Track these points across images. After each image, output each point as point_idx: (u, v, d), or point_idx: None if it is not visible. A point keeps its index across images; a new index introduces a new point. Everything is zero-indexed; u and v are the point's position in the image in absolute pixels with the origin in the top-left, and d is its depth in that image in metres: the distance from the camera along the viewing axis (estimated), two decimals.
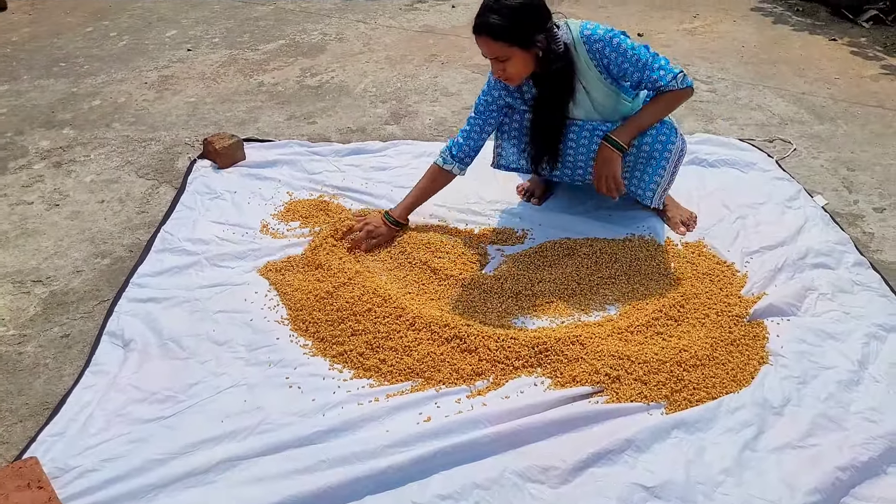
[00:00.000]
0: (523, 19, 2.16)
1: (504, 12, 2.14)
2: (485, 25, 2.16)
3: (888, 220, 2.76)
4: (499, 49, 2.19)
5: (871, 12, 4.91)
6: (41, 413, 1.92)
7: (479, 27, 2.18)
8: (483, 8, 2.18)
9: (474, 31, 2.21)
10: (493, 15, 2.14)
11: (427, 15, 5.08)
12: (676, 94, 2.35)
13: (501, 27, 2.14)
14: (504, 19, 2.14)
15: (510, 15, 2.14)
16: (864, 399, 1.92)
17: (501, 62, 2.23)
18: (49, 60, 4.27)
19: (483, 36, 2.19)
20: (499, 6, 2.14)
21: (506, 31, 2.15)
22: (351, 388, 1.95)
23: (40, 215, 2.78)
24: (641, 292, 2.30)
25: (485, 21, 2.16)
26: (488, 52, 2.23)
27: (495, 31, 2.15)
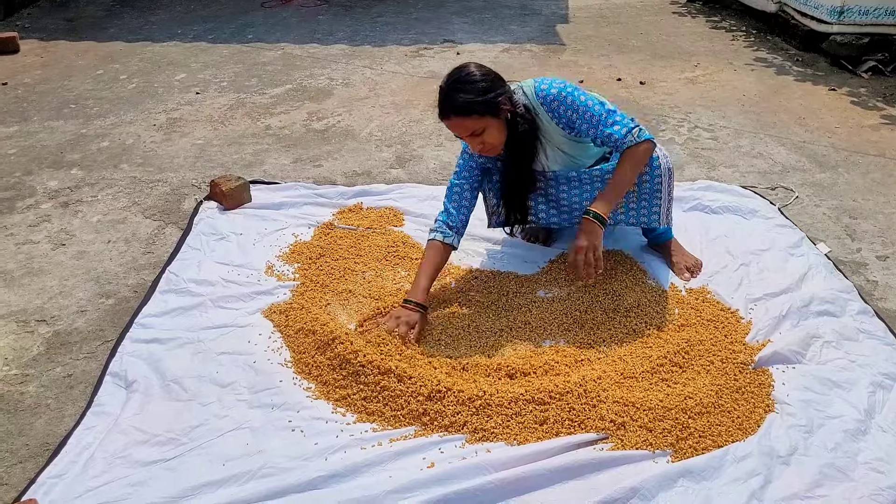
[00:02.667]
0: (488, 89, 2.19)
1: (468, 88, 2.17)
2: (454, 106, 2.18)
3: (892, 268, 2.77)
4: (472, 124, 2.20)
5: (870, 63, 4.99)
6: (41, 454, 1.90)
7: (447, 110, 2.20)
8: (446, 91, 2.19)
9: (442, 116, 2.22)
10: (458, 94, 2.17)
11: (432, 61, 5.17)
12: (635, 150, 2.31)
13: (470, 102, 2.17)
14: (471, 94, 2.17)
15: (475, 89, 2.17)
16: (872, 449, 1.90)
17: (478, 136, 2.23)
18: (59, 102, 4.33)
19: (453, 117, 2.20)
20: (462, 85, 2.18)
21: (476, 105, 2.18)
22: (354, 433, 1.94)
23: (46, 255, 2.79)
24: (646, 337, 2.29)
25: (452, 102, 2.18)
26: (463, 131, 2.24)
27: (466, 108, 2.17)
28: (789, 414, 2.00)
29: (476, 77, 2.20)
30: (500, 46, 5.54)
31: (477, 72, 2.22)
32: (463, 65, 2.25)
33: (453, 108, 2.19)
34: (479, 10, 6.62)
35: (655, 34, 5.96)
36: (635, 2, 7.08)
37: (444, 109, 2.21)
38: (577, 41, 5.74)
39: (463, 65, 2.25)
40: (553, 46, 5.59)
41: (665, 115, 4.16)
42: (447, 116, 2.22)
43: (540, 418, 1.96)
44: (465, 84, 2.18)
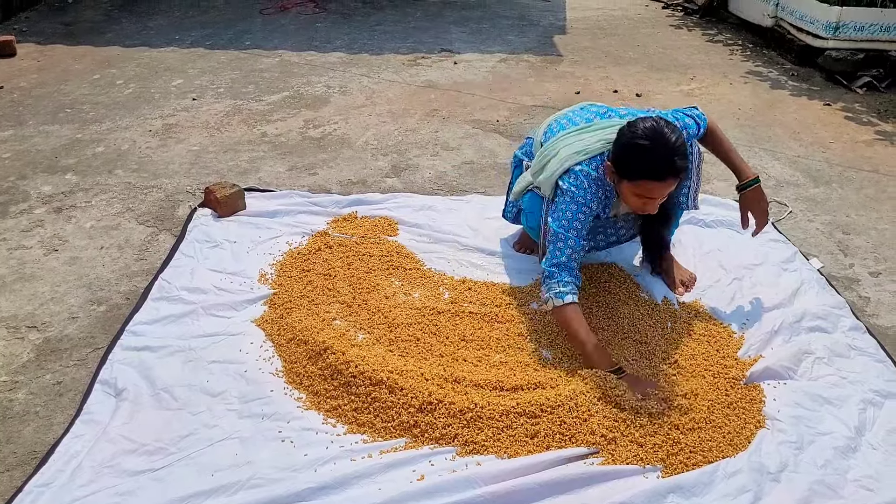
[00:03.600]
0: (686, 150, 2.17)
1: (685, 154, 2.14)
2: (677, 169, 2.11)
3: (884, 284, 2.77)
4: (674, 184, 2.16)
5: (864, 79, 5.01)
6: (29, 462, 1.89)
7: (669, 173, 2.11)
8: (666, 152, 2.09)
9: (663, 177, 2.12)
10: (682, 158, 2.11)
11: (429, 71, 5.18)
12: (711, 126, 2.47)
13: (684, 167, 2.15)
14: (686, 158, 2.15)
15: (686, 151, 2.15)
16: (862, 467, 1.91)
17: (665, 196, 2.21)
18: (55, 106, 4.33)
19: (670, 179, 2.13)
20: (683, 148, 2.12)
21: (686, 168, 2.17)
22: (344, 444, 1.93)
23: (38, 260, 2.78)
24: (638, 352, 2.29)
25: (677, 165, 2.10)
26: (665, 192, 2.17)
27: (681, 171, 2.13)
28: (780, 430, 2.00)
29: (684, 138, 2.15)
30: (497, 56, 5.56)
31: (680, 132, 2.17)
32: (666, 122, 2.15)
33: (675, 172, 2.12)
34: (477, 19, 6.64)
35: (652, 47, 5.99)
36: (633, 14, 7.11)
37: (665, 172, 2.11)
38: (575, 52, 5.75)
39: (666, 122, 2.15)
40: (550, 57, 5.60)
41: None
42: (665, 179, 2.12)
43: (531, 431, 1.96)
44: (684, 146, 2.13)
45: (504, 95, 4.68)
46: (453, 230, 2.97)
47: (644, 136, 2.10)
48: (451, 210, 3.15)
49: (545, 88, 4.87)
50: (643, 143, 2.10)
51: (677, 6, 7.36)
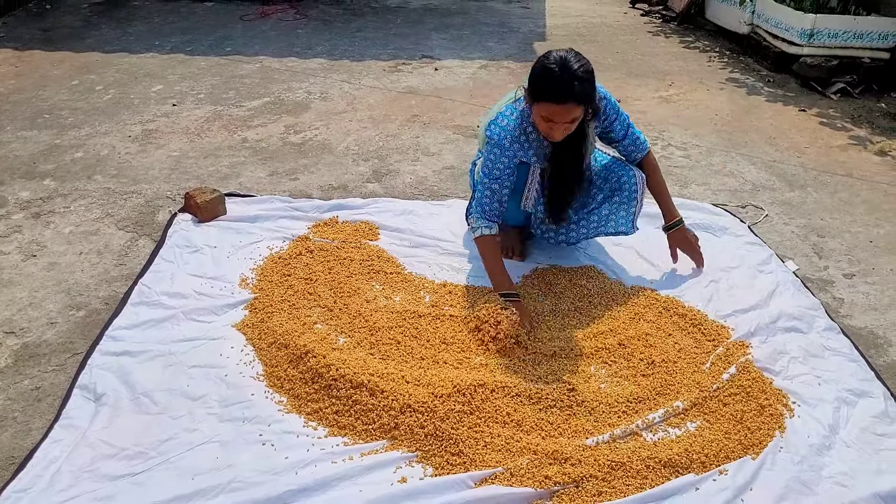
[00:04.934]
0: (594, 83, 2.33)
1: (589, 79, 2.28)
2: (576, 94, 2.24)
3: (857, 286, 2.82)
4: (578, 112, 2.30)
5: (838, 85, 5.09)
6: (7, 468, 1.88)
7: (568, 96, 2.24)
8: (567, 76, 2.23)
9: (560, 100, 2.25)
10: (581, 83, 2.24)
11: (410, 77, 5.20)
12: (654, 160, 2.74)
13: (589, 95, 2.29)
14: (590, 86, 2.29)
15: (592, 81, 2.30)
16: (836, 464, 1.94)
17: (570, 123, 2.32)
18: (33, 112, 4.30)
19: (570, 103, 2.25)
20: (586, 76, 2.26)
21: (589, 97, 2.30)
22: (325, 447, 1.94)
23: (16, 266, 2.76)
24: (618, 358, 2.32)
25: (576, 90, 2.23)
26: (566, 117, 2.29)
27: (583, 98, 2.27)
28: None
29: (591, 69, 2.29)
30: (478, 63, 5.59)
31: (587, 60, 2.31)
32: (576, 53, 2.31)
33: (574, 96, 2.24)
34: (457, 26, 6.68)
35: (631, 53, 6.05)
36: (611, 21, 7.18)
37: (564, 94, 2.24)
38: None
39: (576, 53, 2.31)
40: (531, 63, 5.60)
41: None
42: (565, 101, 2.25)
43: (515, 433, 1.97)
44: (587, 74, 2.26)
45: (485, 101, 4.71)
46: (434, 234, 2.99)
47: (552, 62, 2.27)
48: (432, 215, 3.16)
49: None
50: (550, 66, 2.26)
51: (655, 14, 7.44)
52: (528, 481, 1.84)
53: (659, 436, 2.02)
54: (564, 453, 1.91)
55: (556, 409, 2.07)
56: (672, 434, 2.02)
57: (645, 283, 2.71)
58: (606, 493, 1.83)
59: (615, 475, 1.87)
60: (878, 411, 2.13)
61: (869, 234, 3.21)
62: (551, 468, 1.87)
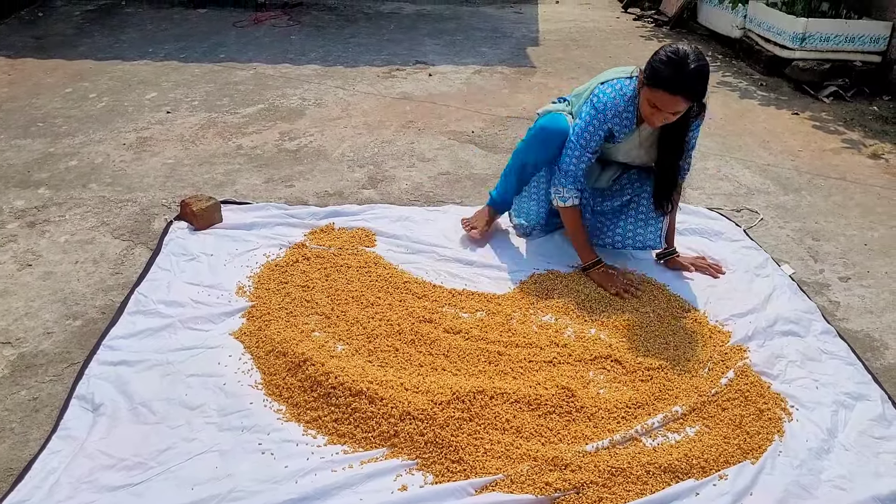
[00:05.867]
0: (707, 84, 2.38)
1: (703, 77, 2.34)
2: (688, 87, 2.32)
3: (853, 289, 2.83)
4: (683, 106, 2.38)
5: (831, 88, 5.13)
6: (5, 479, 1.86)
7: (681, 87, 2.31)
8: (679, 69, 2.31)
9: (673, 90, 2.32)
10: (697, 80, 2.32)
11: (404, 82, 5.20)
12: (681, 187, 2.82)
13: (697, 92, 2.36)
14: (702, 84, 2.35)
15: (706, 80, 2.35)
16: (835, 467, 1.95)
17: (673, 114, 2.40)
18: (27, 120, 4.28)
19: (680, 95, 2.33)
20: (704, 74, 2.33)
21: (699, 95, 2.38)
22: (325, 455, 1.93)
23: (12, 276, 2.75)
24: (622, 362, 2.32)
25: (689, 84, 2.31)
26: (672, 108, 2.37)
27: (694, 94, 2.35)
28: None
29: (708, 70, 2.35)
30: (471, 68, 5.60)
31: (706, 61, 2.36)
32: (699, 51, 2.36)
33: (686, 89, 2.32)
34: (451, 32, 6.69)
35: (624, 58, 6.07)
36: (604, 26, 7.21)
37: (678, 85, 2.31)
38: (548, 64, 5.82)
39: (699, 51, 2.36)
40: (524, 69, 5.66)
41: None
42: (676, 92, 2.32)
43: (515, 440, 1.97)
44: (703, 74, 2.33)
45: (479, 107, 4.72)
46: (431, 240, 2.99)
47: (675, 53, 2.34)
48: (429, 220, 3.16)
49: (519, 99, 4.91)
50: (673, 57, 2.33)
51: (648, 18, 7.47)
52: (529, 488, 1.84)
53: (658, 441, 2.02)
54: (564, 459, 1.91)
55: (555, 415, 2.08)
56: (671, 439, 2.03)
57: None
58: (607, 498, 1.83)
59: (615, 481, 1.87)
60: (875, 414, 2.14)
61: (863, 236, 3.23)
62: (551, 474, 1.87)
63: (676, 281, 2.76)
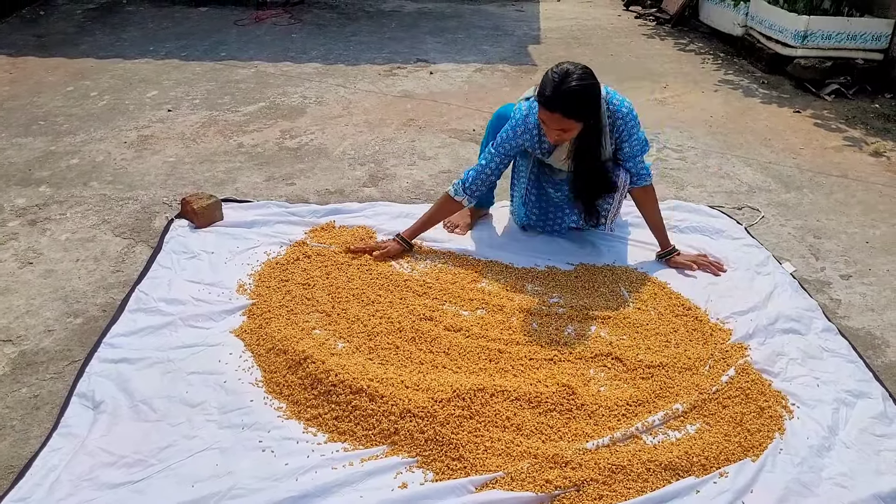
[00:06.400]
0: (589, 103, 2.42)
1: (584, 98, 2.38)
2: (563, 106, 2.37)
3: (854, 287, 2.83)
4: (566, 124, 2.42)
5: (832, 86, 5.12)
6: (6, 477, 1.87)
7: (553, 105, 2.37)
8: (556, 88, 2.35)
9: (547, 107, 2.39)
10: (571, 98, 2.35)
11: (405, 81, 5.20)
12: (653, 191, 2.79)
13: (580, 111, 2.40)
14: (583, 105, 2.39)
15: (581, 99, 2.38)
16: (836, 465, 1.95)
17: (563, 130, 2.46)
18: (28, 118, 4.28)
19: (556, 113, 2.39)
20: (576, 90, 2.35)
21: (576, 113, 2.40)
22: (325, 453, 1.93)
23: (13, 273, 2.75)
24: (623, 365, 2.32)
25: (559, 103, 2.36)
26: (555, 124, 2.43)
27: (575, 114, 2.39)
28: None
29: (592, 90, 2.39)
30: (472, 66, 5.60)
31: (593, 82, 2.40)
32: (584, 70, 2.39)
33: (561, 108, 2.37)
34: (452, 30, 6.69)
35: (625, 56, 6.06)
36: (606, 24, 7.20)
37: (550, 102, 2.37)
38: (549, 62, 5.80)
39: (584, 70, 2.39)
40: (525, 67, 5.65)
41: None
42: (552, 110, 2.38)
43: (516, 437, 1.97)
44: (582, 92, 2.36)
45: (480, 105, 4.72)
46: (431, 237, 2.98)
47: (555, 71, 2.39)
48: None
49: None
50: (552, 75, 2.38)
51: (649, 16, 7.46)
52: (529, 485, 1.84)
53: (659, 438, 2.02)
54: (565, 457, 1.91)
55: (555, 412, 2.07)
56: (672, 437, 2.02)
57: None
58: (607, 496, 1.83)
59: (616, 478, 1.87)
60: (876, 412, 2.14)
61: (865, 234, 3.22)
62: (552, 472, 1.87)
63: (677, 279, 2.76)
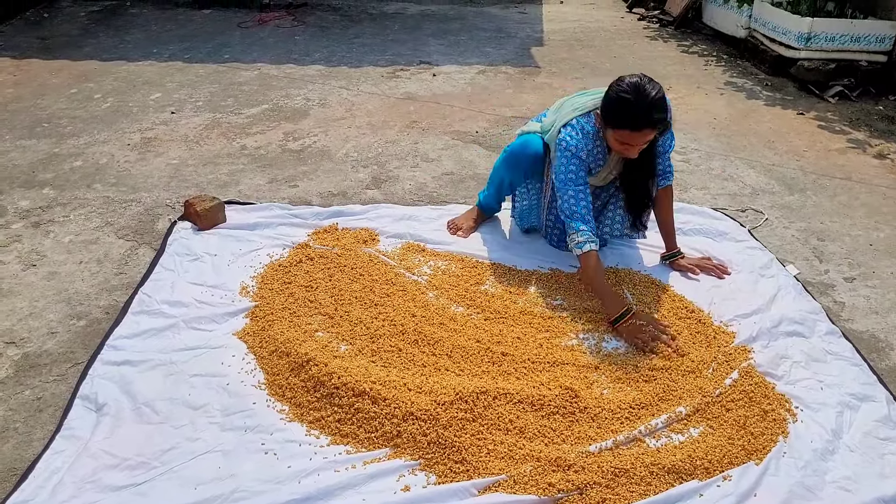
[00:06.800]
0: (668, 106, 2.42)
1: (663, 104, 2.36)
2: (652, 121, 2.34)
3: (858, 289, 2.82)
4: (652, 135, 2.41)
5: (836, 88, 5.11)
6: (8, 479, 1.87)
7: (650, 122, 2.34)
8: (644, 106, 2.31)
9: (637, 127, 2.35)
10: (657, 111, 2.33)
11: (408, 83, 5.20)
12: (671, 192, 2.80)
13: (662, 119, 2.39)
14: (664, 111, 2.38)
15: (666, 105, 2.38)
16: (840, 468, 1.94)
17: (644, 143, 2.43)
18: (32, 121, 4.29)
19: (646, 129, 2.36)
20: (661, 103, 2.34)
21: (663, 121, 2.41)
22: (328, 455, 1.93)
23: (16, 275, 2.76)
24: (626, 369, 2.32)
25: (656, 118, 2.34)
26: (642, 140, 2.40)
27: (659, 124, 2.37)
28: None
29: (664, 94, 2.37)
30: (475, 68, 5.60)
31: (658, 84, 2.38)
32: (649, 79, 2.37)
33: (651, 123, 2.35)
34: (455, 32, 6.69)
35: (629, 58, 6.06)
36: (609, 26, 7.19)
37: (641, 122, 2.34)
38: (552, 64, 5.81)
39: (649, 79, 2.37)
40: (528, 69, 5.65)
41: None
42: (641, 129, 2.35)
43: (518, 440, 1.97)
44: (662, 101, 2.35)
45: (483, 107, 4.72)
46: (435, 239, 2.98)
47: (627, 90, 2.34)
48: (432, 219, 3.16)
49: (524, 99, 4.91)
50: (626, 96, 2.33)
51: (652, 18, 7.46)
52: (532, 489, 1.84)
53: (662, 442, 2.01)
54: (568, 460, 1.90)
55: (558, 415, 2.07)
56: (675, 440, 2.02)
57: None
58: (610, 499, 1.82)
59: (619, 482, 1.87)
60: (881, 415, 2.13)
61: (869, 237, 3.22)
62: (555, 475, 1.87)
63: (681, 281, 2.75)
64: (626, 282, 2.73)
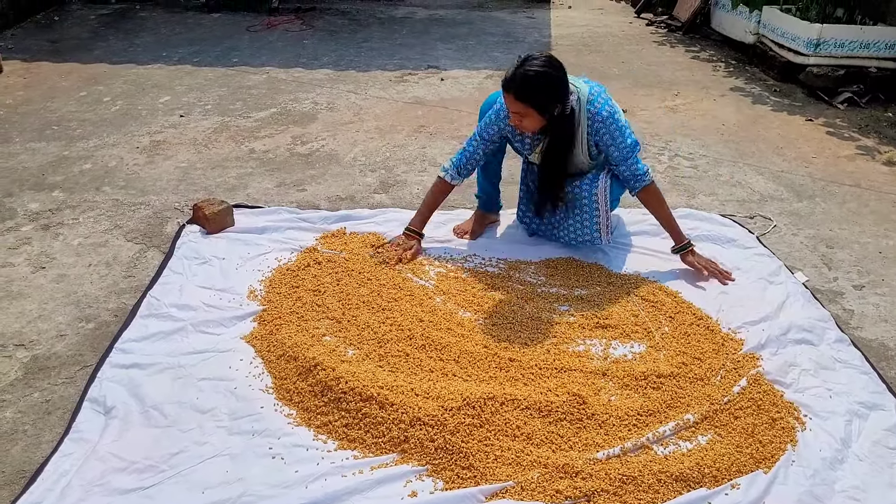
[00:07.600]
0: (544, 90, 2.48)
1: (534, 81, 2.45)
2: (514, 88, 2.47)
3: (867, 297, 2.81)
4: (520, 107, 2.51)
5: (845, 94, 5.09)
6: (17, 482, 1.87)
7: (507, 86, 2.49)
8: (514, 69, 2.47)
9: (503, 86, 2.51)
10: (522, 81, 2.45)
11: (416, 87, 5.21)
12: (656, 190, 2.79)
13: (529, 95, 2.47)
14: (535, 89, 2.46)
15: (534, 84, 2.45)
16: (849, 478, 1.93)
17: (519, 115, 2.54)
18: (42, 123, 4.32)
19: (509, 94, 2.50)
20: (530, 75, 2.45)
21: (527, 97, 2.48)
22: (335, 460, 1.93)
23: (25, 278, 2.77)
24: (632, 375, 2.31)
25: (512, 84, 2.47)
26: (510, 105, 2.54)
27: (519, 94, 2.48)
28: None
29: (547, 78, 2.46)
30: (483, 73, 5.60)
31: (550, 71, 2.48)
32: (548, 60, 2.49)
33: (515, 90, 2.47)
34: (463, 36, 6.70)
35: (636, 63, 6.06)
36: (617, 31, 7.20)
37: (507, 84, 2.49)
38: None
39: (548, 60, 2.49)
40: None
41: (646, 144, 4.22)
42: (505, 90, 2.50)
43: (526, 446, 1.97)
44: (537, 78, 2.45)
45: None
46: (441, 243, 2.98)
47: (519, 56, 2.52)
48: (440, 224, 3.16)
49: None
50: (515, 59, 2.51)
51: (661, 23, 7.46)
52: (539, 495, 1.83)
53: (670, 449, 2.01)
54: (575, 467, 1.90)
55: (566, 422, 2.07)
56: (683, 447, 2.01)
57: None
58: None
59: (626, 489, 1.86)
60: (890, 424, 2.12)
61: (878, 244, 3.20)
62: (562, 482, 1.86)
63: (689, 288, 2.75)
64: (634, 288, 2.73)
